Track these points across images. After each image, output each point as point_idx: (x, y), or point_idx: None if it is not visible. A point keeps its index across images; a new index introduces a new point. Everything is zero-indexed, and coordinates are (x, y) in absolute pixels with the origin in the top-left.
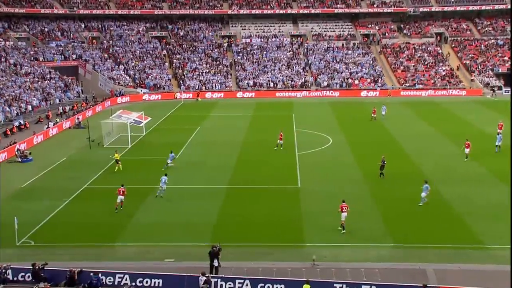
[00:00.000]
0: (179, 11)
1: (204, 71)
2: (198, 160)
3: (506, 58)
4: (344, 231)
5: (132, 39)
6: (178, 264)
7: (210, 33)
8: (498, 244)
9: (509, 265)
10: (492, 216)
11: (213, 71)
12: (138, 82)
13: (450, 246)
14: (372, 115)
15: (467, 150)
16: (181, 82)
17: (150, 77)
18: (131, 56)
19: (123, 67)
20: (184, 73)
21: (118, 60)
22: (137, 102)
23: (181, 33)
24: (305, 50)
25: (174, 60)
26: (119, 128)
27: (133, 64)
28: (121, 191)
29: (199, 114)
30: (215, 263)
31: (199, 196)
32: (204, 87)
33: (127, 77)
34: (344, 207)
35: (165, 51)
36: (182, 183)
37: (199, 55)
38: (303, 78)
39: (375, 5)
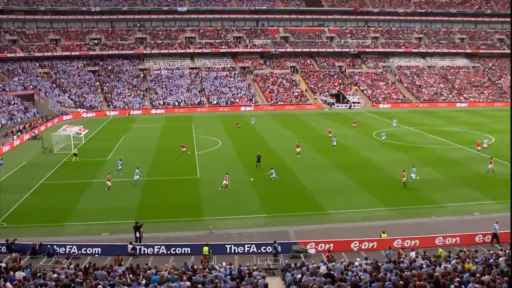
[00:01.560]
0: (108, 52)
1: (126, 94)
2: (123, 160)
3: (335, 84)
4: (222, 189)
5: (73, 72)
6: (112, 237)
7: (131, 67)
8: (335, 210)
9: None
10: (331, 191)
11: (133, 94)
12: (78, 104)
13: (304, 213)
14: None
15: (298, 149)
16: (110, 103)
17: (86, 100)
18: (73, 85)
19: (67, 94)
20: (112, 96)
21: (63, 88)
22: (78, 119)
23: (109, 67)
24: (200, 78)
25: (104, 87)
26: (65, 138)
27: (74, 91)
28: (109, 177)
29: (124, 126)
30: (137, 234)
31: (124, 187)
32: (127, 107)
33: (70, 101)
34: (226, 178)
35: (97, 81)
36: (113, 177)
37: (123, 83)
38: (199, 98)
39: (248, 47)
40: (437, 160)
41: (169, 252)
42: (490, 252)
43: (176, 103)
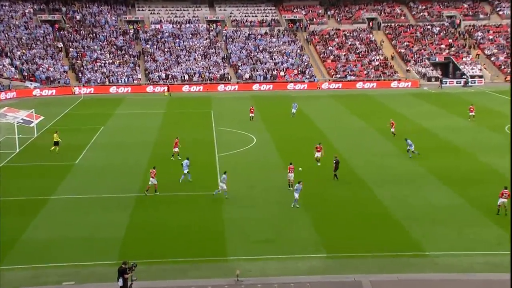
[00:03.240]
0: None
1: (107, 62)
2: (102, 165)
3: (442, 46)
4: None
5: (17, 22)
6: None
7: (113, 18)
8: (439, 251)
9: (453, 273)
10: (432, 220)
11: (118, 62)
12: (26, 74)
13: (387, 255)
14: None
15: (317, 154)
16: (80, 75)
17: (41, 68)
18: (16, 43)
19: (7, 58)
20: (83, 65)
21: (0, 48)
22: (26, 98)
23: (78, 17)
24: (224, 37)
25: (71, 49)
26: (4, 130)
27: (19, 53)
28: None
29: (103, 111)
30: (122, 283)
31: (104, 207)
32: (107, 81)
33: (12, 69)
34: (290, 168)
35: (59, 39)
36: (84, 192)
37: (101, 43)
38: (222, 70)
39: None
40: None
41: None
42: None
43: (187, 77)
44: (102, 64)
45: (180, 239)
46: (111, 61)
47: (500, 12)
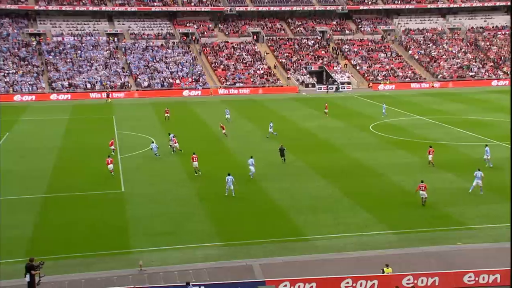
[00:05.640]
0: None
1: (10, 71)
2: (8, 169)
3: (317, 57)
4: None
5: None
6: None
7: (15, 31)
8: (318, 235)
9: (330, 253)
10: (312, 208)
11: (21, 71)
12: None
13: (274, 240)
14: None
15: (224, 131)
16: None
17: None
18: None
19: None
20: None
21: None
22: None
23: None
24: (124, 49)
25: None
26: None
27: None
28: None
29: (7, 118)
30: (27, 278)
31: (10, 209)
32: (11, 89)
33: None
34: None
35: None
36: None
37: (4, 54)
38: (123, 79)
39: (192, 4)
40: (461, 162)
41: None
42: None
43: (89, 86)
44: (6, 74)
45: (86, 235)
46: (14, 71)
47: (362, 29)
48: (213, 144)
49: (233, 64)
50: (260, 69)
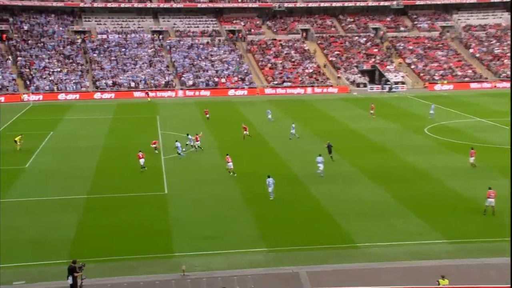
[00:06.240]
0: (22, 2)
1: (55, 70)
2: (52, 169)
3: (369, 55)
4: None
5: None
6: (30, 287)
7: (61, 28)
8: (368, 242)
9: (381, 262)
10: (362, 214)
11: (66, 70)
12: None
13: (322, 247)
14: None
15: (245, 132)
16: (29, 83)
17: None
18: None
19: None
20: (31, 72)
21: None
22: None
23: (26, 27)
24: (168, 47)
25: (19, 58)
26: None
27: None
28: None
29: (52, 118)
30: (71, 280)
31: (54, 209)
32: (56, 88)
33: None
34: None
35: (7, 48)
36: (34, 194)
37: (49, 52)
38: (167, 77)
39: (239, 0)
40: None
41: None
42: None
43: (133, 84)
44: (51, 72)
45: (128, 237)
46: (59, 69)
47: (418, 26)
48: (257, 145)
49: (280, 63)
50: (309, 68)
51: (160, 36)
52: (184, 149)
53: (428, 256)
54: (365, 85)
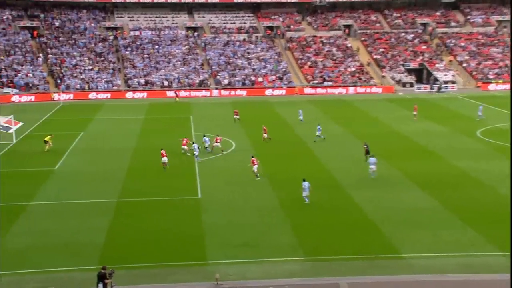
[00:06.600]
0: None
1: (86, 68)
2: (82, 171)
3: (416, 52)
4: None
5: None
6: None
7: (92, 24)
8: (414, 253)
9: (428, 274)
10: (408, 223)
11: (97, 68)
12: (5, 81)
13: (365, 257)
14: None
15: (265, 135)
16: (59, 81)
17: (20, 74)
18: None
19: None
20: (62, 71)
21: None
22: (5, 104)
23: (57, 24)
24: (203, 44)
25: (50, 55)
26: None
27: None
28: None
29: (82, 117)
30: (100, 287)
31: (83, 212)
32: (87, 87)
33: None
34: (254, 161)
35: (38, 45)
36: (63, 197)
37: (80, 49)
38: (201, 76)
39: None
40: None
41: None
42: None
43: (166, 83)
44: (82, 70)
45: (160, 243)
46: (90, 67)
47: (472, 20)
48: (294, 147)
49: (321, 61)
50: (351, 66)
51: (195, 33)
52: (195, 153)
53: (481, 269)
54: (411, 85)
